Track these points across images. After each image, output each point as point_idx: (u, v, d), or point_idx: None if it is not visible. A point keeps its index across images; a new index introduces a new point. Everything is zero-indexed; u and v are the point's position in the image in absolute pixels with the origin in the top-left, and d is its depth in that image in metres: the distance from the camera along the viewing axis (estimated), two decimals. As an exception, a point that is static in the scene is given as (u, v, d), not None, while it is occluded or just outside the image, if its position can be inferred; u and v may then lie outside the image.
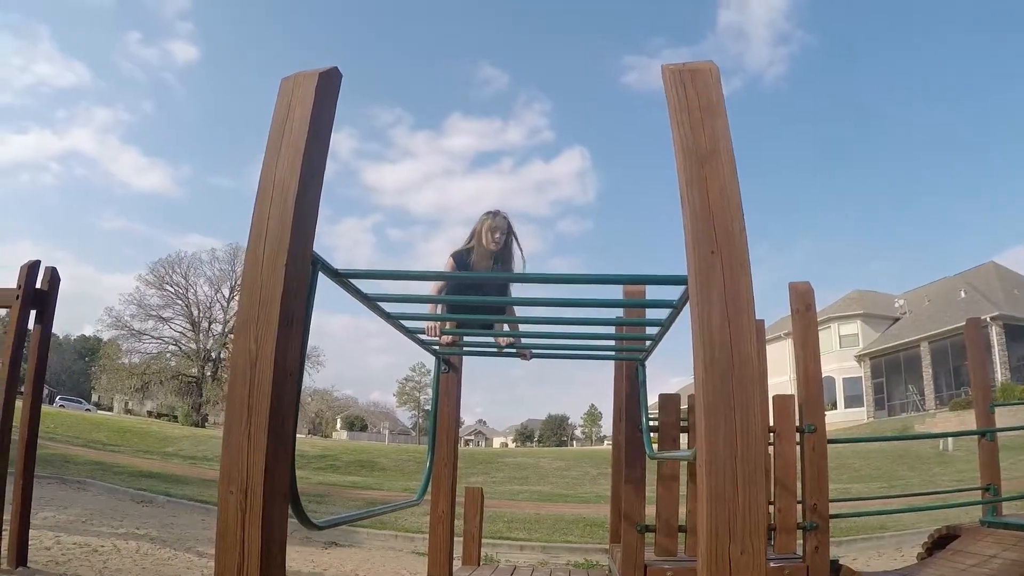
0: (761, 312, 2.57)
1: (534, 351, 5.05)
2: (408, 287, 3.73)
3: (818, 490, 5.05)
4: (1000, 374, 37.47)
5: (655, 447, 4.85)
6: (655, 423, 5.04)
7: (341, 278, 2.99)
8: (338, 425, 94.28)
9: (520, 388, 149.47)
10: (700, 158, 2.32)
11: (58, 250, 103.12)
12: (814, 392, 5.26)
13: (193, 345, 61.92)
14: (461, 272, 4.81)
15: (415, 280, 3.44)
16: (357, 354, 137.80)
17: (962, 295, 44.16)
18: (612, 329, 4.64)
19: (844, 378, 49.01)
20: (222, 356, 60.63)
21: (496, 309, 4.97)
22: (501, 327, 5.17)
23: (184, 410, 61.24)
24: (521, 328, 5.04)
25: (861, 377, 48.81)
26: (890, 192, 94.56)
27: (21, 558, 6.38)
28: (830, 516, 5.10)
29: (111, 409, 72.36)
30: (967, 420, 24.09)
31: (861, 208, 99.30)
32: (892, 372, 47.06)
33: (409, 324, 4.37)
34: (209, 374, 61.10)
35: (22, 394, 6.65)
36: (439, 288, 4.78)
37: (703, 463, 2.14)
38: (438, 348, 5.25)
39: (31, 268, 6.59)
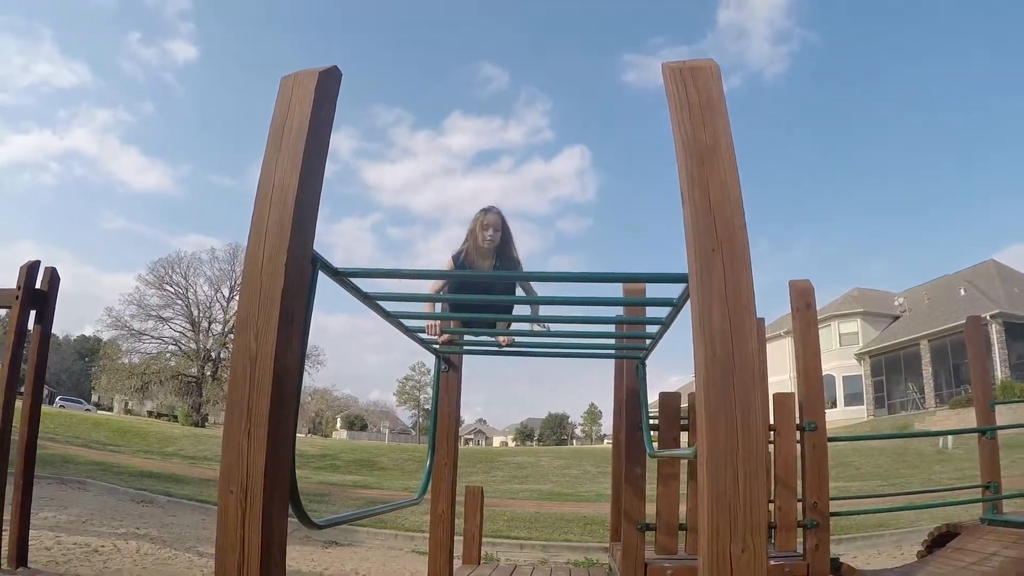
0: (761, 310, 2.57)
1: (534, 350, 5.05)
2: (408, 286, 3.73)
3: (818, 488, 5.04)
4: (1000, 372, 37.46)
5: (655, 445, 4.85)
6: (655, 421, 5.04)
7: (341, 277, 2.98)
8: (338, 424, 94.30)
9: (520, 387, 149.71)
10: (701, 155, 2.31)
11: (58, 250, 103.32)
12: (814, 390, 5.25)
13: (193, 345, 61.87)
14: (460, 271, 4.79)
15: (414, 279, 3.43)
16: (357, 353, 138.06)
17: (962, 293, 44.14)
18: (612, 327, 4.64)
19: (844, 376, 48.99)
20: (222, 356, 60.61)
21: (499, 307, 4.97)
22: (506, 326, 5.16)
23: (184, 410, 61.19)
24: (521, 327, 5.03)
25: (861, 375, 48.79)
26: (890, 190, 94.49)
27: (21, 558, 6.37)
28: (830, 514, 5.09)
29: (111, 409, 72.38)
30: (967, 418, 24.11)
31: (861, 206, 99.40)
32: (892, 370, 47.05)
33: (409, 323, 4.36)
34: (209, 374, 61.04)
35: (22, 394, 6.64)
36: (439, 287, 4.78)
37: (704, 461, 2.14)
38: (438, 347, 5.25)
39: (31, 268, 6.58)
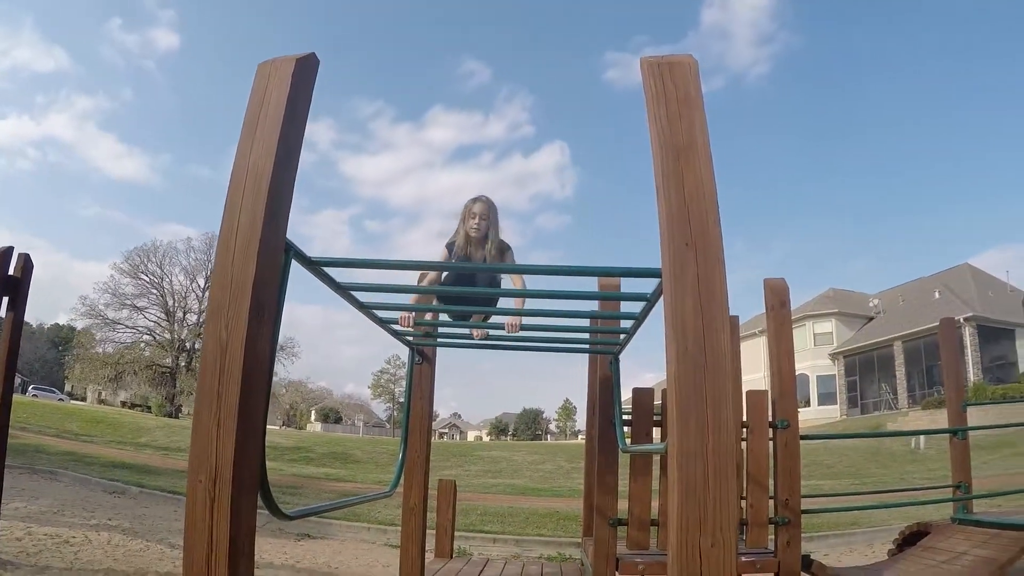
0: (736, 310, 2.58)
1: (508, 343, 5.04)
2: (382, 276, 3.71)
3: (790, 486, 5.07)
4: (972, 374, 37.87)
5: (628, 441, 4.86)
6: (628, 417, 5.05)
7: (314, 266, 2.97)
8: (312, 417, 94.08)
9: (495, 381, 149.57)
10: (676, 151, 2.32)
11: (33, 237, 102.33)
12: (787, 388, 5.27)
13: (168, 335, 61.42)
14: (435, 262, 4.80)
15: (388, 269, 3.42)
16: (332, 346, 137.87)
17: (936, 296, 44.55)
18: (587, 322, 4.64)
19: (818, 376, 49.32)
20: (197, 347, 60.22)
21: (479, 300, 4.98)
22: (481, 318, 5.17)
23: (158, 400, 60.85)
24: (495, 320, 5.03)
25: (835, 375, 49.15)
26: (868, 193, 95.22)
27: (-11, 547, 6.33)
28: (802, 512, 5.12)
29: (84, 399, 71.83)
30: (939, 419, 24.32)
31: (839, 208, 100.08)
32: (865, 371, 47.41)
33: (382, 314, 4.35)
34: (183, 364, 60.62)
35: (-8, 382, 6.58)
36: (426, 279, 4.81)
37: (674, 456, 2.14)
38: (411, 339, 5.23)
39: (4, 254, 6.51)
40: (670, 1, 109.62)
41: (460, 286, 5.02)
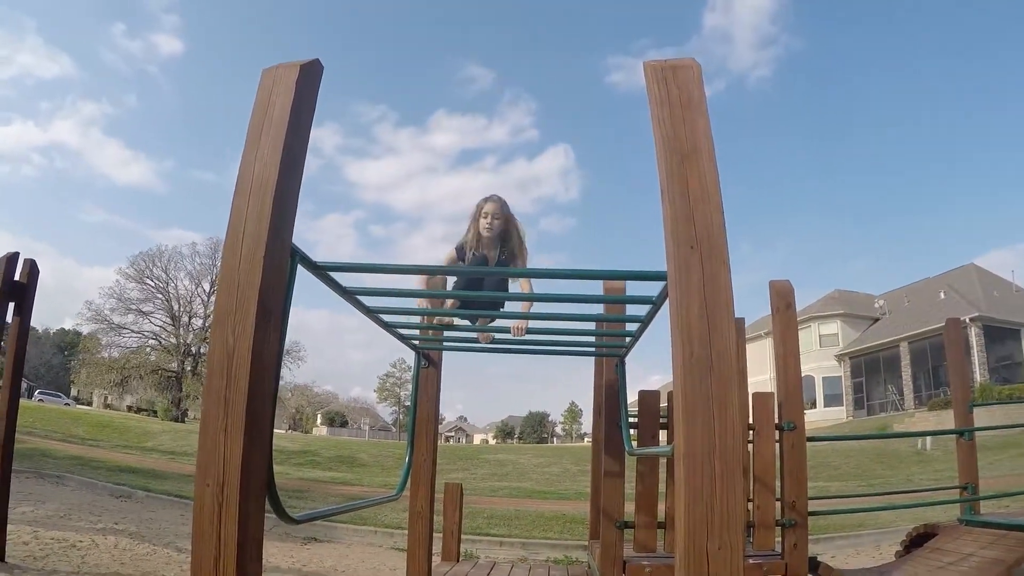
0: (741, 312, 2.58)
1: (514, 347, 5.02)
2: (387, 281, 3.72)
3: (797, 487, 5.07)
4: (979, 375, 37.73)
5: (634, 443, 4.86)
6: (635, 419, 5.05)
7: (320, 271, 2.98)
8: (318, 421, 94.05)
9: (501, 385, 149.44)
10: (681, 154, 2.32)
11: (38, 242, 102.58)
12: (794, 390, 5.27)
13: (173, 339, 61.54)
14: (443, 266, 4.77)
15: (394, 273, 3.43)
16: (338, 350, 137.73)
17: (942, 296, 44.43)
18: (593, 325, 4.64)
19: (824, 377, 49.19)
20: (202, 351, 60.32)
21: (486, 303, 4.95)
22: (487, 321, 5.14)
23: (164, 405, 60.95)
24: (501, 323, 5.01)
25: (841, 376, 49.00)
26: (872, 193, 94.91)
27: (-2, 552, 6.35)
28: (809, 513, 5.12)
29: (90, 404, 71.90)
30: (945, 420, 24.25)
31: (843, 209, 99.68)
32: (871, 372, 47.28)
33: (388, 318, 4.35)
34: (189, 369, 60.73)
35: (0, 388, 6.60)
36: (427, 282, 4.77)
37: (680, 458, 2.14)
38: (418, 343, 5.23)
39: (10, 260, 6.54)
40: (672, 5, 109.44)
41: (468, 288, 4.98)
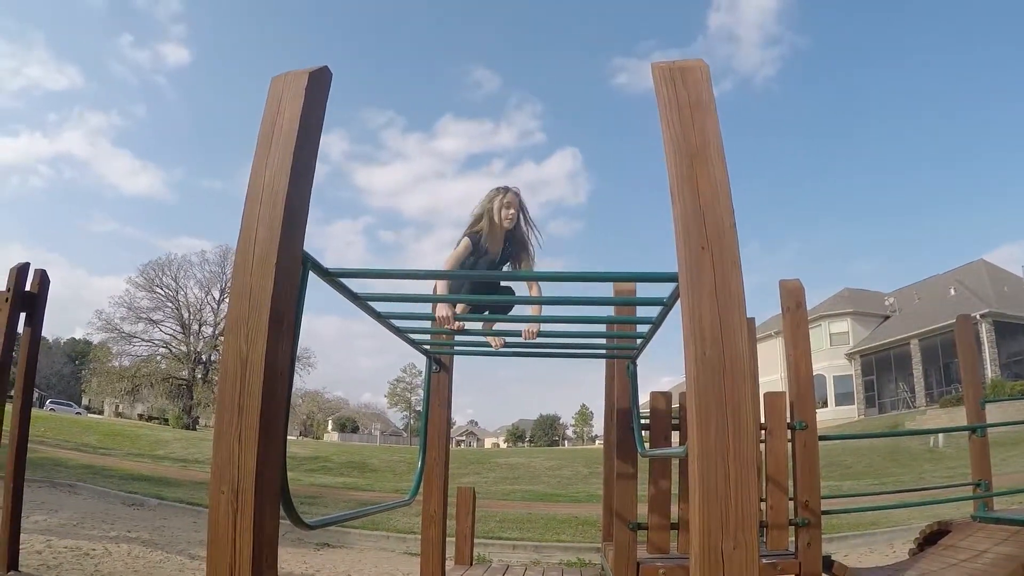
0: (752, 311, 2.57)
1: (525, 350, 5.00)
2: (399, 286, 3.72)
3: (810, 487, 5.06)
4: (990, 371, 37.65)
5: (647, 445, 4.85)
6: (646, 421, 5.04)
7: (331, 277, 2.99)
8: (329, 427, 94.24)
9: (511, 388, 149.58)
10: (691, 155, 2.32)
11: (48, 253, 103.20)
12: (805, 389, 5.26)
13: (183, 347, 61.76)
14: (454, 271, 4.73)
15: (405, 279, 3.43)
16: (348, 356, 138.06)
17: (952, 293, 44.32)
18: (603, 327, 4.63)
19: (835, 376, 49.10)
20: (213, 358, 60.51)
21: (497, 305, 4.91)
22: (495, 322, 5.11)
23: (175, 413, 61.11)
24: (512, 327, 4.99)
25: (852, 375, 48.91)
26: (880, 191, 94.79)
27: (12, 562, 6.36)
28: (822, 512, 5.11)
29: (102, 412, 72.27)
30: (957, 417, 24.19)
31: (851, 207, 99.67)
32: (882, 370, 47.17)
33: (399, 323, 4.35)
34: (200, 376, 60.91)
35: (12, 398, 6.62)
36: (440, 286, 4.69)
37: (694, 459, 2.14)
38: (429, 348, 5.23)
39: (20, 270, 6.56)
40: (677, 5, 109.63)
41: (477, 290, 4.93)
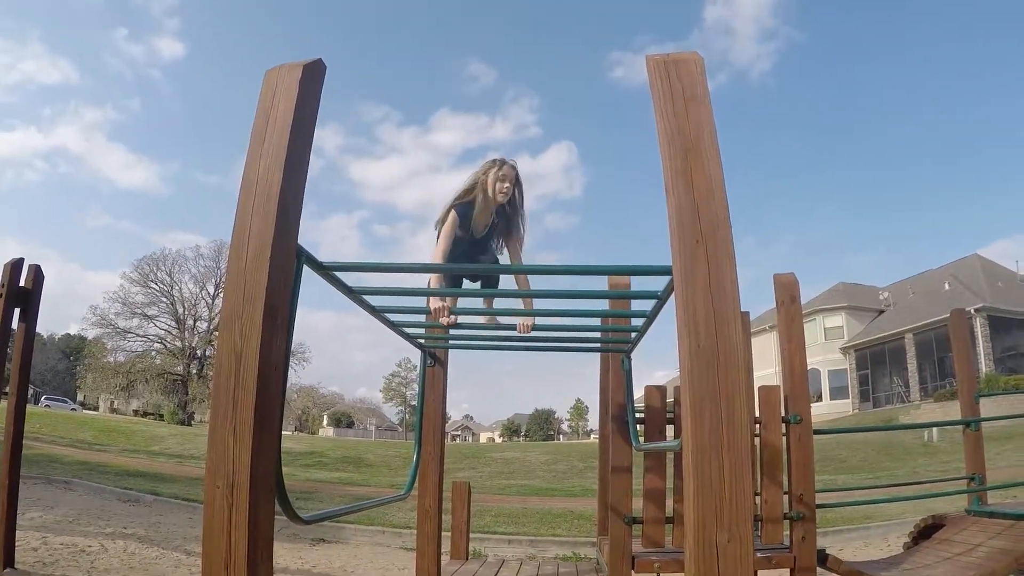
0: (746, 306, 2.58)
1: (521, 344, 5.00)
2: (393, 280, 3.72)
3: (804, 480, 5.06)
4: (984, 366, 37.76)
5: (641, 439, 4.86)
6: (641, 415, 5.04)
7: (326, 271, 2.98)
8: (324, 422, 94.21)
9: (506, 383, 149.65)
10: (685, 148, 2.32)
11: (43, 248, 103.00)
12: (799, 383, 5.26)
13: (178, 343, 61.58)
14: (447, 264, 4.74)
15: (400, 272, 3.43)
16: (343, 351, 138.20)
17: (946, 287, 44.40)
18: (598, 321, 4.63)
19: (829, 370, 49.18)
20: (208, 354, 60.39)
21: (494, 282, 4.90)
22: (490, 302, 5.11)
23: (170, 408, 61.02)
24: (507, 320, 4.99)
25: (846, 369, 49.01)
26: (875, 185, 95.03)
27: (8, 559, 6.35)
28: (816, 506, 5.11)
29: (97, 408, 72.07)
30: (951, 411, 24.21)
31: (846, 201, 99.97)
32: (877, 364, 47.26)
33: (394, 318, 4.34)
34: (195, 372, 60.75)
35: (7, 394, 6.61)
36: (434, 279, 4.70)
37: (689, 453, 2.14)
38: (424, 342, 5.23)
39: (14, 266, 6.54)
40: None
41: (467, 260, 4.88)
